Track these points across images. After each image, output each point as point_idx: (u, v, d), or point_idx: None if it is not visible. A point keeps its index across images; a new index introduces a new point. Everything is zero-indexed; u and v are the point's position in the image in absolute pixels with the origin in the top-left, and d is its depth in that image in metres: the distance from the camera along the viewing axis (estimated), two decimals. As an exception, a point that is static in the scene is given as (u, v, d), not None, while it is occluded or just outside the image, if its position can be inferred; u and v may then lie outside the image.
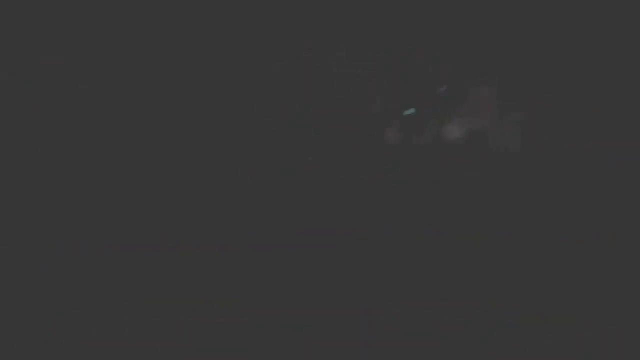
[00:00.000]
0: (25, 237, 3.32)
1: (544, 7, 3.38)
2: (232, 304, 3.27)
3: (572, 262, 3.37)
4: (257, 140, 3.50)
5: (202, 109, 3.51)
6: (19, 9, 3.43)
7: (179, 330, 3.18)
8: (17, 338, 3.09)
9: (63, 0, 3.45)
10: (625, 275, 3.34)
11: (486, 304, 3.29)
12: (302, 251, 3.39)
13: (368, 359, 3.15)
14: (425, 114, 3.31)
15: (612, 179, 3.45)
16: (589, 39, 3.35)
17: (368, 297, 3.33)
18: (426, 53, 3.51)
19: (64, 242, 3.32)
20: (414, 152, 3.50)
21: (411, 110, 3.07)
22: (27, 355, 3.06)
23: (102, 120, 3.45)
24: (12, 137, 3.39)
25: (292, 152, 3.50)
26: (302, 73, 3.51)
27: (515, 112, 3.34)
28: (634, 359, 3.12)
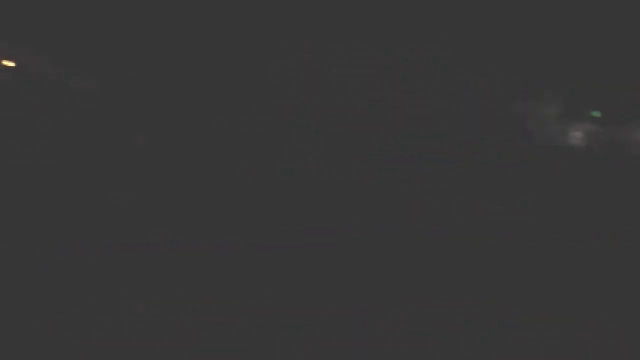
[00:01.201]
0: (25, 237, 3.33)
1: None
2: (232, 303, 3.27)
3: (572, 262, 3.37)
4: (257, 140, 3.50)
5: (202, 108, 3.51)
6: (19, 8, 3.44)
7: (179, 330, 3.18)
8: (17, 338, 3.10)
9: (64, 0, 3.45)
10: (625, 275, 3.33)
11: (486, 304, 3.29)
12: (302, 251, 3.39)
13: (367, 358, 3.15)
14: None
15: (612, 179, 3.45)
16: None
17: (368, 296, 3.33)
18: (426, 53, 3.51)
19: (64, 242, 3.33)
20: (416, 152, 3.50)
21: (597, 113, 3.03)
22: (27, 355, 3.06)
23: (102, 120, 3.46)
24: (11, 137, 3.40)
25: (292, 152, 3.50)
26: (302, 73, 3.51)
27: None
28: (634, 359, 3.12)
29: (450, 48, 3.42)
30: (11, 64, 3.15)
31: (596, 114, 3.16)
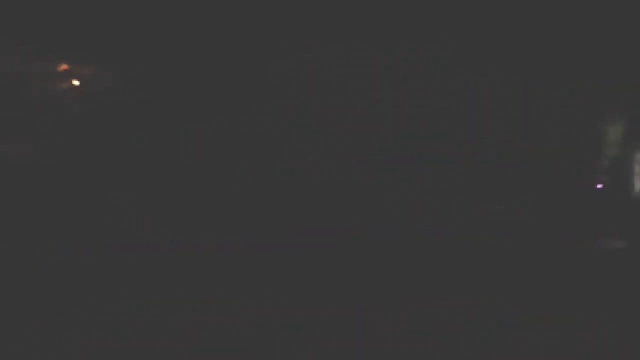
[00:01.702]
0: (25, 237, 3.33)
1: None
2: (232, 303, 3.27)
3: (572, 262, 3.37)
4: (257, 140, 3.50)
5: (202, 108, 3.51)
6: (21, 9, 3.44)
7: (179, 330, 3.18)
8: (17, 338, 3.09)
9: (66, 1, 3.45)
10: (625, 275, 3.33)
11: (486, 304, 3.29)
12: (302, 251, 3.39)
13: (367, 358, 3.14)
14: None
15: (612, 181, 3.44)
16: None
17: (368, 296, 3.33)
18: (426, 53, 3.51)
19: (64, 242, 3.32)
20: (417, 151, 3.50)
21: None
22: (27, 355, 3.06)
23: (102, 120, 3.46)
24: (13, 137, 3.39)
25: (292, 152, 3.50)
26: (302, 73, 3.51)
27: None
28: (634, 359, 3.12)
29: (472, 51, 3.41)
30: (76, 82, 3.21)
31: None
